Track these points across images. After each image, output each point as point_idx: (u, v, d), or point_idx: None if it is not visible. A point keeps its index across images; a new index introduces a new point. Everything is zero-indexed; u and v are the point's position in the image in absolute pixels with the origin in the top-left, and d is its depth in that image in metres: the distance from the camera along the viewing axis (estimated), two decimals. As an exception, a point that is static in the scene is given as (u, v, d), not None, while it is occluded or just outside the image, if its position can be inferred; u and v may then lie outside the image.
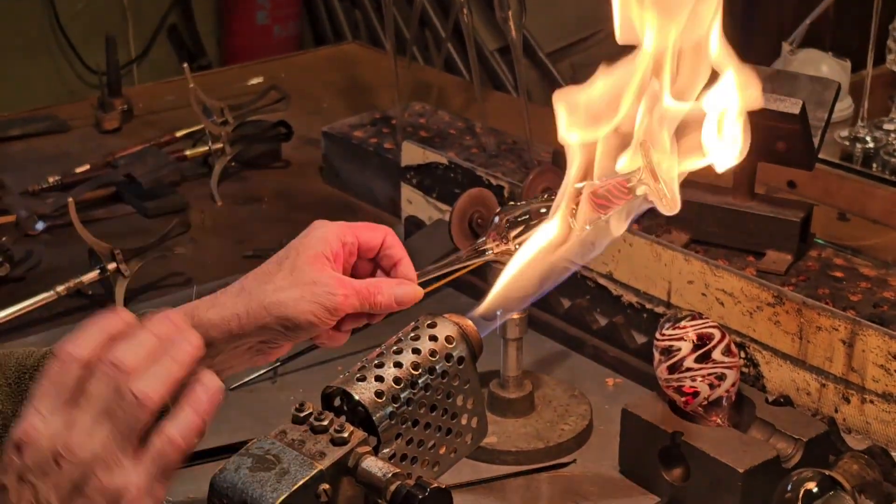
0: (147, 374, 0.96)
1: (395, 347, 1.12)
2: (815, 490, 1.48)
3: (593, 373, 1.87)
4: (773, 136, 1.84)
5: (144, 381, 0.96)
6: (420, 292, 1.25)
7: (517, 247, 1.22)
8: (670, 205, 1.15)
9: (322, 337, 1.25)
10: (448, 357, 1.13)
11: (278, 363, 1.86)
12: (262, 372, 1.84)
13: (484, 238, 1.27)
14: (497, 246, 1.25)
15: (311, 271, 1.21)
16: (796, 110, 1.79)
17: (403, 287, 1.24)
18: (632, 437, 1.63)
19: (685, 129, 1.15)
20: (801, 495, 1.48)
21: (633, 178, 1.15)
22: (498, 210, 1.27)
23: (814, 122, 1.85)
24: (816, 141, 1.87)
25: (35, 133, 2.70)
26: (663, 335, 1.60)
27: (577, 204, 1.17)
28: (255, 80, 2.92)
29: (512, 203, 1.28)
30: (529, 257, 1.18)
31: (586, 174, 1.17)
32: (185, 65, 2.46)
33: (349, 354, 1.88)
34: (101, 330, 0.99)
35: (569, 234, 1.18)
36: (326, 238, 1.23)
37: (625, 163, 1.15)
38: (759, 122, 1.79)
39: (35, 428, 0.95)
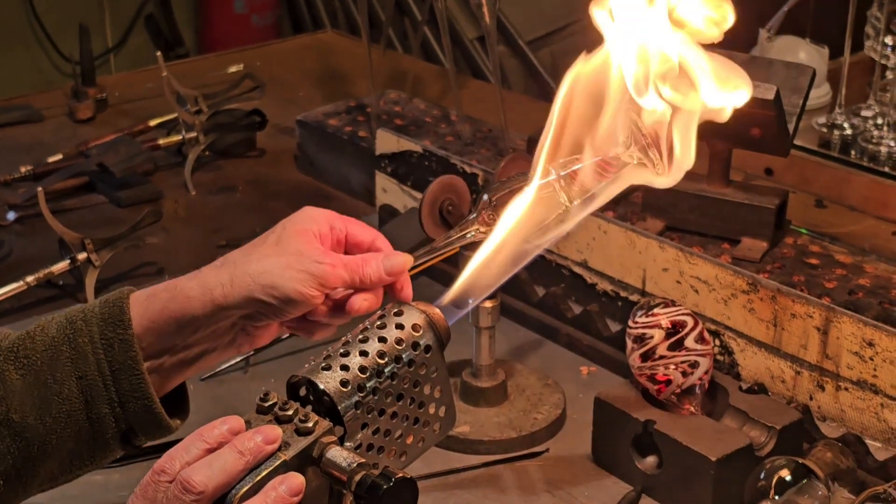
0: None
1: (360, 336, 1.11)
2: (788, 478, 1.48)
3: (567, 361, 1.86)
4: (747, 122, 1.83)
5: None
6: (409, 259, 1.21)
7: None
8: (666, 171, 1.13)
9: (308, 326, 1.23)
10: (415, 345, 1.11)
11: (251, 352, 1.84)
12: (234, 361, 1.82)
13: (473, 216, 1.25)
14: (485, 225, 1.23)
15: (297, 243, 1.19)
16: (771, 96, 1.78)
17: (391, 258, 1.21)
18: (605, 426, 1.63)
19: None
20: (774, 483, 1.47)
21: (624, 147, 1.13)
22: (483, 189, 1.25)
23: (789, 108, 1.84)
24: (791, 127, 1.86)
25: (9, 122, 2.68)
26: (636, 323, 1.59)
27: (563, 181, 1.15)
28: (234, 69, 2.89)
29: (501, 181, 1.26)
30: (497, 242, 1.17)
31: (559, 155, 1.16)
32: (159, 53, 2.43)
33: (322, 345, 1.86)
34: (202, 441, 1.04)
35: (538, 217, 1.16)
36: (315, 217, 1.22)
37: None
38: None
39: None
